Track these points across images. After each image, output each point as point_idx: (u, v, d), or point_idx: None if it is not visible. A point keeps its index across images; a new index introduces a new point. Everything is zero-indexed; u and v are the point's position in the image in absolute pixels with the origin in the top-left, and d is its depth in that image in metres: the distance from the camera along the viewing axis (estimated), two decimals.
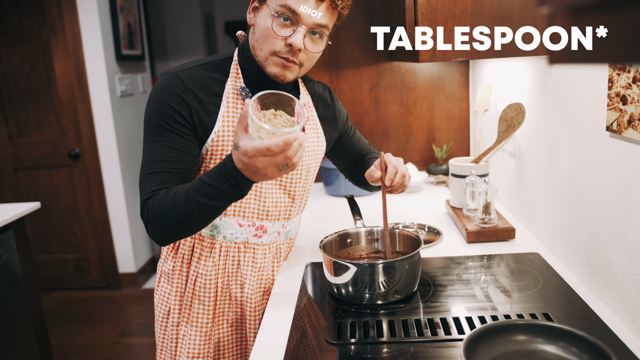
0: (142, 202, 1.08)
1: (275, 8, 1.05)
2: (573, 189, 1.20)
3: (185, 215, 1.01)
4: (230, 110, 1.15)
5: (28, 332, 2.09)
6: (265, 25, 1.07)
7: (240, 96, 1.16)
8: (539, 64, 1.40)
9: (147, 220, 1.07)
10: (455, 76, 2.24)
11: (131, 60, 3.62)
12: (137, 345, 2.89)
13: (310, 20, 1.06)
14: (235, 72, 1.17)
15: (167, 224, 1.03)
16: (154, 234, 1.07)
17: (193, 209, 1.00)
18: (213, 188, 0.97)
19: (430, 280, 1.21)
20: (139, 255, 3.65)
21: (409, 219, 1.68)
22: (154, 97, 1.12)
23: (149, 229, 1.08)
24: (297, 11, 1.04)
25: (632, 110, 0.92)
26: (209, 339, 1.25)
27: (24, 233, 2.11)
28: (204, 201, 0.98)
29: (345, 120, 1.41)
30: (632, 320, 0.96)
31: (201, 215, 1.01)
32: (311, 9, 1.05)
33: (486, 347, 0.81)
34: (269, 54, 1.09)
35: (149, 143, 1.11)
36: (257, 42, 1.11)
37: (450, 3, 1.26)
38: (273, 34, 1.07)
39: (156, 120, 1.10)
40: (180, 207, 1.01)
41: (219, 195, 0.97)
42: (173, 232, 1.06)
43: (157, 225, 1.05)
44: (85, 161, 3.40)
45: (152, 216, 1.04)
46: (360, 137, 1.47)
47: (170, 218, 1.02)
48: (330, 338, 0.98)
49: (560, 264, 1.27)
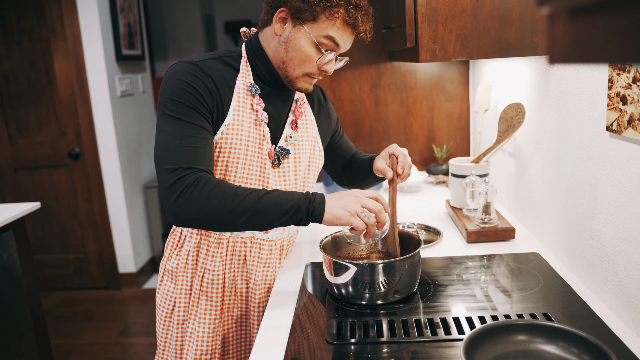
0: (180, 171, 1.03)
1: (319, 38, 1.11)
2: (573, 189, 1.20)
3: (242, 206, 1.02)
4: (241, 106, 1.16)
5: (28, 332, 2.09)
6: (306, 52, 1.13)
7: (250, 92, 1.18)
8: (539, 64, 1.40)
9: (188, 193, 1.02)
10: (455, 76, 2.24)
11: (131, 60, 3.62)
12: (137, 345, 2.89)
13: (344, 49, 1.17)
14: (246, 68, 1.19)
15: (216, 206, 1.02)
16: (188, 209, 1.03)
17: (255, 205, 1.02)
18: (287, 197, 1.04)
19: (430, 280, 1.21)
20: (139, 255, 3.65)
21: (409, 219, 1.68)
22: (172, 80, 1.09)
23: (182, 200, 1.02)
24: (340, 45, 1.14)
25: (632, 110, 0.92)
26: (216, 335, 1.26)
27: (24, 233, 2.11)
28: (269, 204, 1.02)
29: (336, 120, 1.46)
30: (632, 320, 0.96)
31: (253, 216, 1.02)
32: (349, 42, 1.16)
33: (486, 347, 0.81)
34: (302, 74, 1.17)
35: (170, 119, 1.07)
36: (290, 60, 1.15)
37: (450, 3, 1.26)
38: (313, 60, 1.14)
39: (179, 101, 1.07)
40: (241, 197, 1.02)
41: (287, 205, 1.03)
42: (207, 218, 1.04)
43: (203, 202, 1.02)
44: (85, 161, 3.40)
45: (203, 192, 1.01)
46: (347, 139, 1.51)
47: (224, 202, 1.02)
48: (330, 338, 0.98)
49: (560, 264, 1.27)
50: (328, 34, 1.11)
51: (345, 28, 1.12)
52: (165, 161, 1.05)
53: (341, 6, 1.09)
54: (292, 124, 1.27)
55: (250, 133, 1.17)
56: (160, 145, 1.07)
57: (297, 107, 1.28)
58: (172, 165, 1.04)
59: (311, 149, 1.33)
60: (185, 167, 1.03)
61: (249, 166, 1.18)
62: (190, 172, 1.03)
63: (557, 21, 0.39)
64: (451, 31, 1.28)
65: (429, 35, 1.29)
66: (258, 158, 1.19)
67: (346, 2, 1.10)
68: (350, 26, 1.12)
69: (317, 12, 1.09)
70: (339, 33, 1.11)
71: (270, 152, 1.21)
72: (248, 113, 1.17)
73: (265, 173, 1.21)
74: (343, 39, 1.13)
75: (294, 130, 1.26)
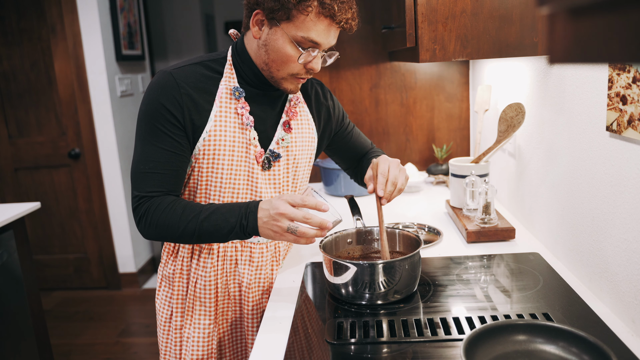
0: (138, 198, 1.13)
1: (296, 37, 1.07)
2: (573, 188, 1.20)
3: (186, 232, 1.09)
4: (223, 110, 1.16)
5: (28, 332, 2.09)
6: (286, 53, 1.10)
7: (234, 96, 1.17)
8: (538, 64, 1.40)
9: (144, 220, 1.12)
10: (455, 76, 2.24)
11: (131, 60, 3.62)
12: (137, 345, 2.89)
13: (327, 45, 1.12)
14: (230, 71, 1.18)
15: (166, 232, 1.11)
16: (147, 234, 1.14)
17: (196, 231, 1.08)
18: (224, 221, 1.07)
19: (430, 280, 1.21)
20: (139, 255, 3.65)
21: (409, 219, 1.68)
22: (147, 96, 1.13)
23: (142, 226, 1.13)
24: (319, 42, 1.09)
25: (632, 110, 0.92)
26: (211, 340, 1.26)
27: (24, 233, 2.11)
28: (209, 229, 1.08)
29: (341, 116, 1.40)
30: (632, 320, 0.96)
31: (200, 238, 1.10)
32: (331, 37, 1.11)
33: (486, 347, 0.81)
34: (287, 75, 1.14)
35: (141, 141, 1.14)
36: (272, 62, 1.13)
37: (450, 3, 1.26)
38: (294, 60, 1.11)
39: (149, 120, 1.12)
40: (184, 224, 1.09)
41: (225, 229, 1.07)
42: (166, 239, 1.14)
43: (155, 229, 1.12)
44: (85, 161, 3.40)
45: (153, 220, 1.11)
46: (360, 135, 1.45)
47: (171, 229, 1.10)
48: (330, 338, 0.98)
49: (560, 264, 1.27)
50: (304, 31, 1.07)
51: (323, 20, 1.06)
52: (133, 185, 1.15)
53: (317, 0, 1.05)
54: (284, 125, 1.24)
55: (235, 137, 1.17)
56: (132, 167, 1.16)
57: (290, 107, 1.26)
58: (135, 190, 1.14)
59: (307, 150, 1.30)
60: (143, 195, 1.12)
61: (235, 171, 1.18)
62: (146, 199, 1.12)
63: (557, 21, 0.39)
64: (451, 31, 1.28)
65: (429, 35, 1.29)
66: (245, 162, 1.19)
67: None
68: (328, 17, 1.06)
69: (290, 9, 1.05)
70: (315, 28, 1.06)
71: (258, 156, 1.19)
72: (232, 117, 1.16)
73: (254, 178, 1.20)
74: (322, 34, 1.08)
75: (287, 132, 1.24)
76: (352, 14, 1.10)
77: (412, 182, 1.99)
